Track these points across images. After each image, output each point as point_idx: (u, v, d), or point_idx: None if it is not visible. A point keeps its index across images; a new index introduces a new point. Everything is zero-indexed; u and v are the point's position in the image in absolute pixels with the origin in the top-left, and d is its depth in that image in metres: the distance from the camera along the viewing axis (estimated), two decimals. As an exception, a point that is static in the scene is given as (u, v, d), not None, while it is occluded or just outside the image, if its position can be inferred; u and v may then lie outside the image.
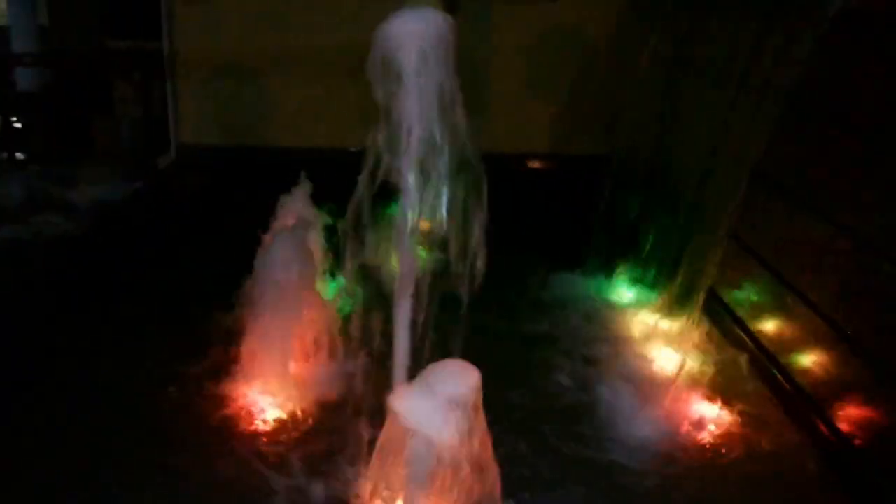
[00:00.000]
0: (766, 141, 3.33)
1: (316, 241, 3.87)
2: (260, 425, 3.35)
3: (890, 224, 2.95)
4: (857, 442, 3.06)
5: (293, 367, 3.57)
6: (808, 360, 3.47)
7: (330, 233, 3.86)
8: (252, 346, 3.55)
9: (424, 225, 5.02)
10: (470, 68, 6.48)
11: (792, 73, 3.13)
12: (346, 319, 3.59)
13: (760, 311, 3.99)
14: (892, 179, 2.95)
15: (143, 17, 7.69)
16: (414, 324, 2.75)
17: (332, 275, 4.10)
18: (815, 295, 3.44)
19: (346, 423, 3.19)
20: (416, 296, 2.70)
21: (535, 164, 6.88)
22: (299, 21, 6.77)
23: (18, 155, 8.34)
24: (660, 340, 4.01)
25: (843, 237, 3.25)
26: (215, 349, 3.76)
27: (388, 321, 2.84)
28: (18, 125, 8.84)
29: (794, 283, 3.63)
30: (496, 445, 2.50)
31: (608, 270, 4.67)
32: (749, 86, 3.47)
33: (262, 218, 3.86)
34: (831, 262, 3.34)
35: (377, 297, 2.99)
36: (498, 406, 2.61)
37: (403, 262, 2.55)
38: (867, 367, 3.01)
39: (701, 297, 3.62)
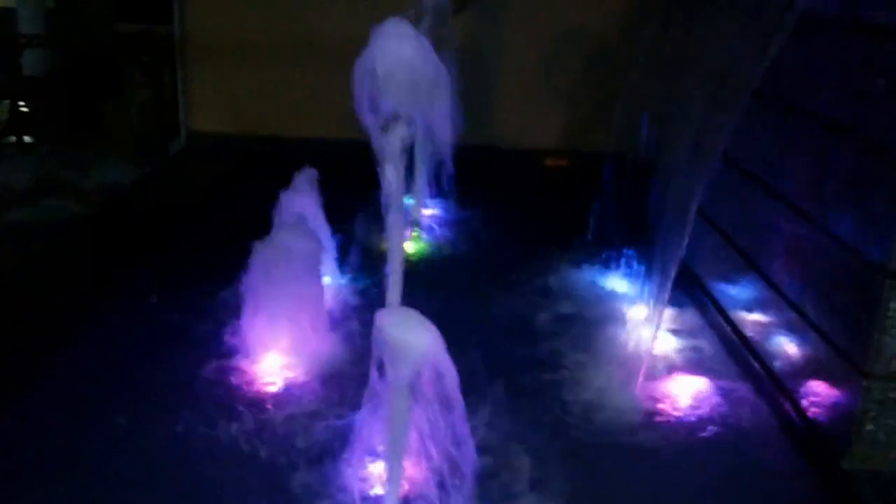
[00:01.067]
0: (733, 130, 3.45)
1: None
2: (262, 396, 3.42)
3: (844, 211, 3.07)
4: (822, 423, 3.16)
5: (295, 341, 3.65)
6: (778, 345, 3.58)
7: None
8: (255, 321, 3.63)
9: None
10: (479, 65, 6.63)
11: (760, 69, 3.24)
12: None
13: (735, 295, 4.13)
14: (849, 169, 3.08)
15: (151, 1, 7.73)
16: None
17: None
18: (783, 281, 3.56)
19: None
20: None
21: (544, 159, 6.93)
22: (312, 9, 6.84)
23: (27, 139, 8.39)
24: (640, 321, 4.08)
25: (803, 223, 3.38)
26: (218, 326, 3.81)
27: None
28: (26, 109, 8.87)
29: (765, 270, 3.77)
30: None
31: (604, 260, 4.76)
32: (727, 82, 3.60)
33: (269, 205, 3.91)
34: (794, 247, 3.48)
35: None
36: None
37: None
38: (828, 351, 3.12)
39: (672, 273, 3.71)
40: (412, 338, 2.31)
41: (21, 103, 8.77)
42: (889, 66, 2.83)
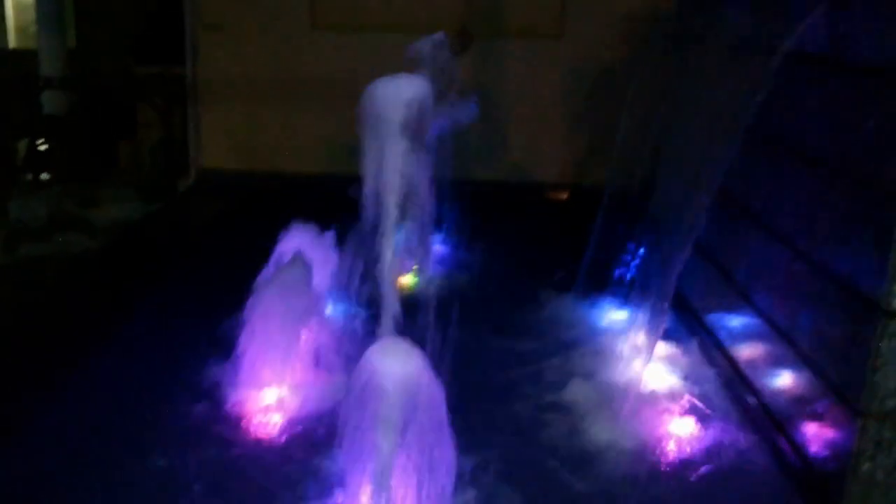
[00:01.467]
0: (728, 165, 3.47)
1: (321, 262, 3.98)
2: (258, 431, 3.45)
3: (837, 248, 3.08)
4: (819, 462, 3.14)
5: (292, 377, 3.68)
6: (775, 382, 3.58)
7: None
8: (253, 356, 3.65)
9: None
10: (483, 103, 6.71)
11: (753, 106, 3.27)
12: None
13: (732, 330, 4.15)
14: (840, 207, 3.09)
15: (169, 43, 7.86)
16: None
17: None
18: (779, 317, 3.56)
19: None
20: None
21: (544, 194, 6.98)
22: (314, 54, 6.97)
23: (43, 176, 8.47)
24: (634, 353, 4.09)
25: (798, 259, 3.40)
26: (219, 360, 3.84)
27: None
28: (44, 147, 8.97)
29: (760, 305, 3.78)
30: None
31: (597, 292, 4.78)
32: (720, 118, 3.64)
33: (273, 241, 3.95)
34: (790, 283, 3.48)
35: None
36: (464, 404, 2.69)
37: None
38: (824, 389, 3.11)
39: (666, 304, 3.73)
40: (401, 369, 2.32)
41: (39, 141, 8.88)
42: (875, 105, 2.85)
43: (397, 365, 2.37)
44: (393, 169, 2.58)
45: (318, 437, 3.33)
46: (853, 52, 3.05)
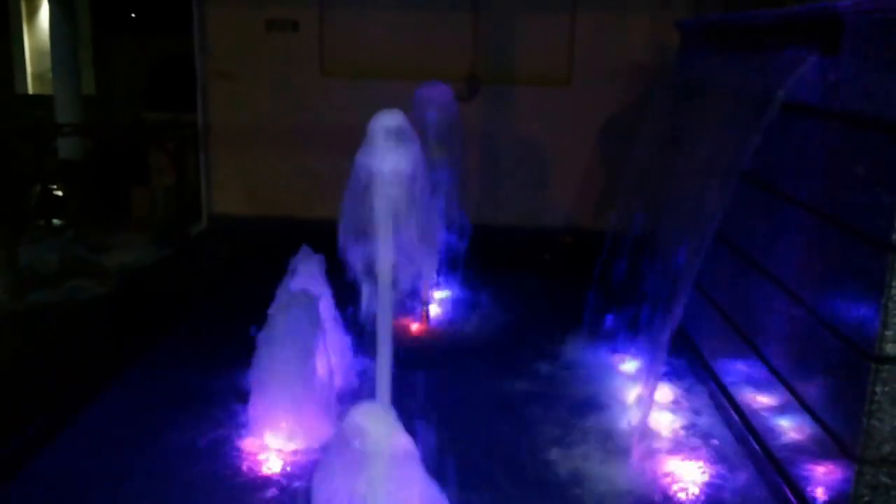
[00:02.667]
0: (723, 211, 3.53)
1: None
2: (266, 473, 3.49)
3: (832, 294, 3.10)
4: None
5: (299, 420, 3.70)
6: (776, 425, 3.59)
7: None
8: (262, 402, 3.71)
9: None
10: (490, 149, 6.78)
11: (747, 153, 3.33)
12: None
13: (735, 374, 4.19)
14: (834, 254, 3.14)
15: (181, 90, 7.96)
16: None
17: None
18: (778, 362, 3.60)
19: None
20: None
21: (550, 238, 7.02)
22: (322, 100, 7.09)
23: (56, 221, 8.54)
24: (637, 395, 4.11)
25: (795, 305, 3.43)
26: (228, 405, 3.92)
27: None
28: (59, 192, 9.05)
29: (762, 350, 3.81)
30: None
31: (603, 333, 4.82)
32: (716, 167, 3.69)
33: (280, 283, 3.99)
34: (788, 329, 3.52)
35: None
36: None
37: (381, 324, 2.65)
38: (822, 434, 3.12)
39: (667, 339, 3.76)
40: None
41: (53, 186, 8.96)
42: (864, 154, 2.90)
43: (373, 437, 2.37)
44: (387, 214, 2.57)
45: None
46: (843, 102, 3.10)
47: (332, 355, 3.86)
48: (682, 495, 3.46)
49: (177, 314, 5.26)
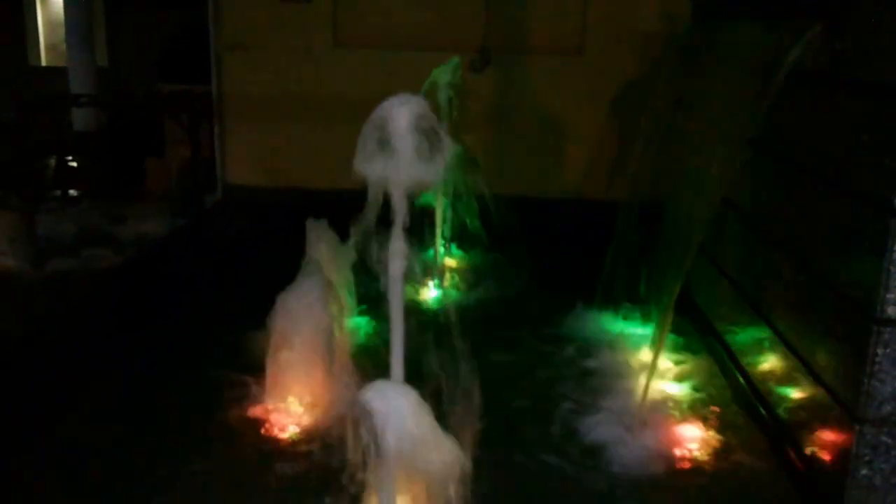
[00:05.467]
0: (731, 176, 3.58)
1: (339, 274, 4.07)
2: (281, 441, 3.55)
3: (835, 258, 3.17)
4: (820, 467, 3.21)
5: (314, 389, 3.76)
6: (781, 390, 3.65)
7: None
8: (276, 369, 3.74)
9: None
10: (504, 118, 6.80)
11: (756, 119, 3.37)
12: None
13: (742, 340, 4.22)
14: (837, 218, 3.18)
15: (195, 61, 8.00)
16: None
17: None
18: (784, 327, 3.65)
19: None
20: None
21: (562, 208, 7.05)
22: (336, 71, 7.15)
23: (72, 192, 8.61)
24: (644, 362, 4.17)
25: (800, 270, 3.49)
26: (242, 372, 3.96)
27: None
28: (74, 164, 9.11)
29: (767, 315, 3.86)
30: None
31: (615, 306, 4.85)
32: (724, 134, 3.73)
33: (297, 255, 4.04)
34: (793, 294, 3.57)
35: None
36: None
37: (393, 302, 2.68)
38: (825, 396, 3.18)
39: (671, 307, 3.81)
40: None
41: (69, 158, 9.02)
42: (868, 120, 2.94)
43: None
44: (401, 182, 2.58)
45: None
46: (848, 70, 3.14)
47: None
48: (686, 461, 3.51)
49: (191, 283, 5.33)
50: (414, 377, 2.68)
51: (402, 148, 2.46)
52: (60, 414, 3.69)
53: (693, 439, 3.66)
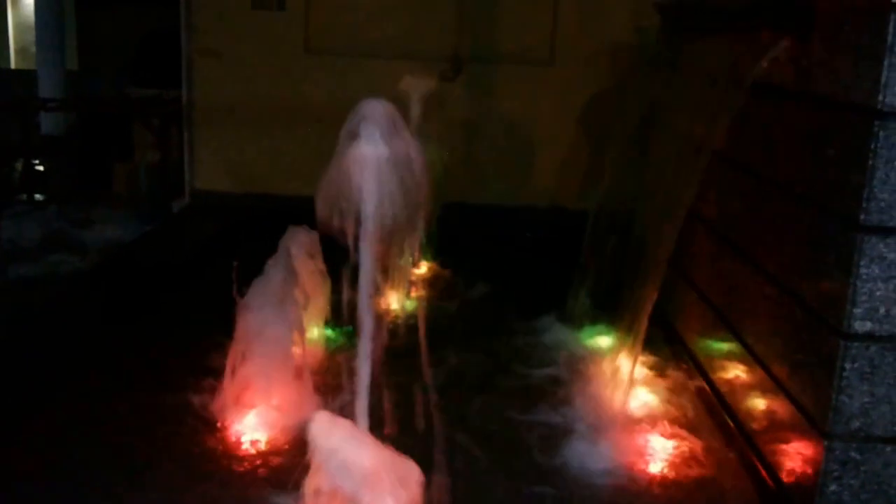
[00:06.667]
0: (697, 188, 3.58)
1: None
2: (244, 449, 3.50)
3: (803, 272, 3.17)
4: (789, 484, 3.19)
5: (278, 397, 3.72)
6: (750, 404, 3.65)
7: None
8: (241, 376, 3.70)
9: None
10: (475, 127, 6.80)
11: (719, 134, 3.38)
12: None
13: (711, 352, 4.24)
14: (805, 232, 3.18)
15: (166, 66, 7.96)
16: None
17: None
18: (752, 340, 3.66)
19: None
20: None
21: (534, 218, 7.05)
22: (306, 78, 7.13)
23: (38, 196, 8.55)
24: (616, 376, 4.15)
25: (769, 283, 3.49)
26: (206, 379, 3.91)
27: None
28: (41, 168, 9.05)
29: (736, 327, 3.86)
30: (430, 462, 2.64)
31: (585, 316, 4.83)
32: (691, 147, 3.74)
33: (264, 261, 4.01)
34: (762, 307, 3.56)
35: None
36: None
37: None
38: (793, 411, 3.17)
39: (643, 321, 3.81)
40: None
41: (36, 161, 8.95)
42: (836, 136, 2.94)
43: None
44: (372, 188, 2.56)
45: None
46: (814, 85, 3.14)
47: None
48: (653, 474, 3.48)
49: (158, 289, 5.26)
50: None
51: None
52: (14, 424, 3.59)
53: (660, 452, 3.64)
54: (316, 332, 4.30)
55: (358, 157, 2.55)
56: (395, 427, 2.65)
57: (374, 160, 2.54)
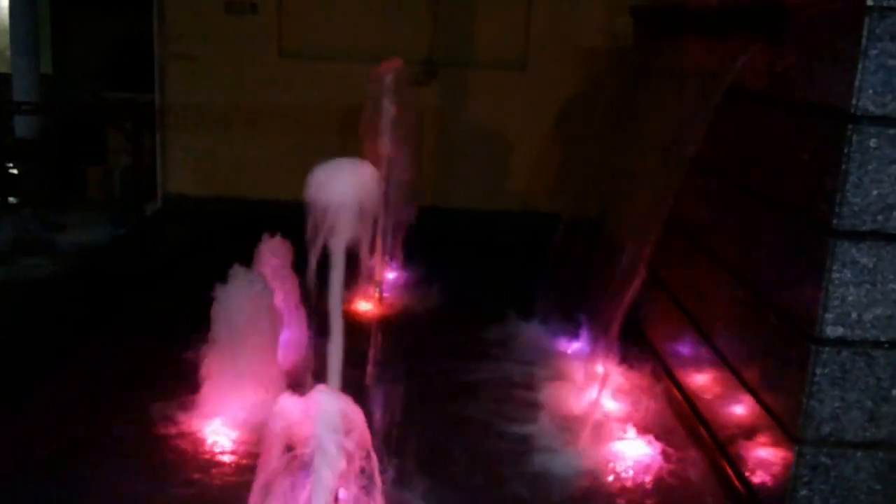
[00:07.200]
0: (673, 193, 3.58)
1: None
2: (216, 456, 3.47)
3: (775, 278, 3.17)
4: (760, 488, 3.20)
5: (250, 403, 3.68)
6: (722, 409, 3.64)
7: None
8: (213, 383, 3.69)
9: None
10: (446, 132, 6.80)
11: (695, 141, 3.36)
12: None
13: (682, 358, 4.24)
14: (777, 238, 3.19)
15: (140, 70, 7.92)
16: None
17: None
18: (724, 345, 3.65)
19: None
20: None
21: (506, 222, 7.04)
22: (281, 79, 7.11)
23: (11, 199, 8.47)
24: (589, 381, 4.14)
25: (741, 288, 3.49)
26: (179, 385, 3.86)
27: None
28: (14, 171, 8.97)
29: (707, 333, 3.86)
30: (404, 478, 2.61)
31: (554, 317, 4.82)
32: (665, 151, 3.73)
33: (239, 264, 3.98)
34: (733, 312, 3.58)
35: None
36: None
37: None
38: (764, 416, 3.17)
39: (616, 325, 3.80)
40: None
41: (9, 165, 8.88)
42: (810, 141, 2.94)
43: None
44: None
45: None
46: (788, 90, 3.15)
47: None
48: (625, 480, 3.48)
49: (130, 293, 5.22)
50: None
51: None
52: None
53: (632, 458, 3.64)
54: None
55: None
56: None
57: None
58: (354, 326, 2.93)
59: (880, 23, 2.58)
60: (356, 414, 2.30)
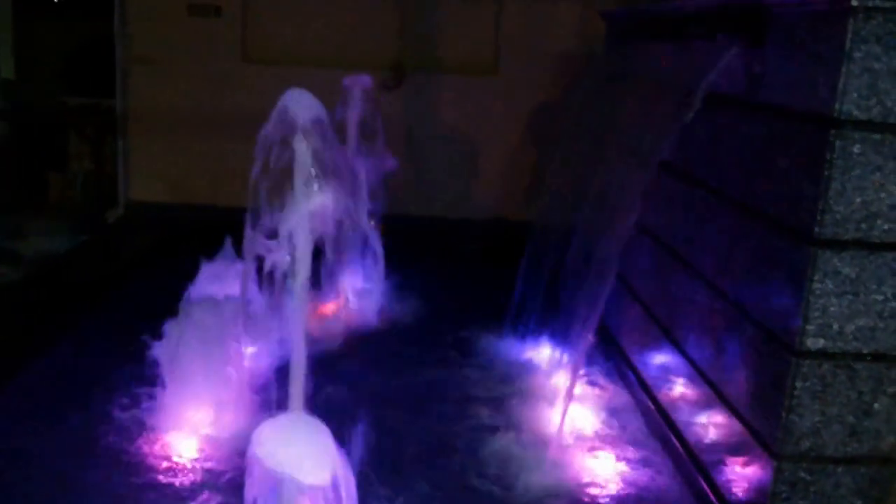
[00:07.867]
0: (643, 201, 3.55)
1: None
2: (177, 472, 3.39)
3: (753, 288, 3.10)
4: (734, 501, 3.15)
5: (211, 417, 3.64)
6: (696, 422, 3.58)
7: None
8: (173, 395, 3.64)
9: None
10: (414, 138, 6.76)
11: (667, 146, 3.35)
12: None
13: (655, 368, 4.17)
14: (755, 246, 3.13)
15: (102, 75, 7.82)
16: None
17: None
18: (698, 356, 3.59)
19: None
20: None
21: (476, 230, 7.00)
22: (246, 85, 6.99)
23: (-31, 206, 8.36)
24: (559, 392, 4.08)
25: (716, 298, 3.43)
26: (139, 398, 3.82)
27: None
28: (-27, 176, 8.87)
29: (681, 343, 3.80)
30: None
31: (525, 326, 4.76)
32: (638, 157, 3.69)
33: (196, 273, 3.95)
34: (709, 322, 3.51)
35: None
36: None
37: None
38: (741, 430, 3.11)
39: (587, 336, 3.73)
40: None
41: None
42: (790, 146, 2.87)
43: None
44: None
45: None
46: (767, 94, 3.07)
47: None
48: (599, 492, 3.41)
49: (91, 301, 5.15)
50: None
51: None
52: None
53: (601, 472, 3.57)
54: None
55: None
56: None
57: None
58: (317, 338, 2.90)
59: (865, 24, 2.50)
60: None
